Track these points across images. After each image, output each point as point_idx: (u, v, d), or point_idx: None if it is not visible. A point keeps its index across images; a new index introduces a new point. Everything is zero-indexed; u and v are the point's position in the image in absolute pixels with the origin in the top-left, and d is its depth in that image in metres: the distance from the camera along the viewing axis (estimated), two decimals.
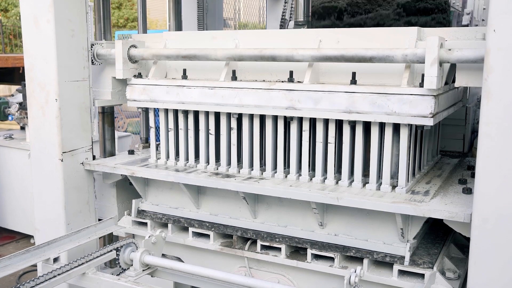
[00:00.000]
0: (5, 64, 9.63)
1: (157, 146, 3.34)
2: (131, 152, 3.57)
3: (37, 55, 3.09)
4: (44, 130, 3.13)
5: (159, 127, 3.25)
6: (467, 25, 3.19)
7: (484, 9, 3.57)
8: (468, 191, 2.55)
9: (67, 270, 2.57)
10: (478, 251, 2.15)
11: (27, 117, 4.01)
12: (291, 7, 3.87)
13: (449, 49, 2.32)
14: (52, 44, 3.00)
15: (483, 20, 3.52)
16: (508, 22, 1.97)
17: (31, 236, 6.19)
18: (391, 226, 2.56)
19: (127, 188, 3.53)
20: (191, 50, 2.92)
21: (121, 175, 3.26)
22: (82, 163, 3.25)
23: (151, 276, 2.84)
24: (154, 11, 25.84)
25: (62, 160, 3.11)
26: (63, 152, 3.12)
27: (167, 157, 3.23)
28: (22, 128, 6.56)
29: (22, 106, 6.23)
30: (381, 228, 2.59)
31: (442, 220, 2.39)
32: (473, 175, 2.65)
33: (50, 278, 2.47)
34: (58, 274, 2.52)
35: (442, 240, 2.75)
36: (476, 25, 3.38)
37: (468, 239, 2.23)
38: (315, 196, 2.58)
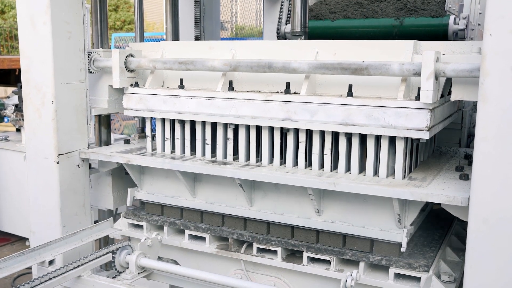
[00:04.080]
0: (1, 66, 9.62)
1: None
2: (126, 141, 3.55)
3: (33, 57, 3.08)
4: (40, 132, 3.12)
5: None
6: (463, 30, 3.19)
7: (480, 13, 3.58)
8: (465, 177, 2.54)
9: (63, 273, 2.56)
10: (474, 254, 2.15)
11: (23, 119, 3.99)
12: (288, 11, 3.87)
13: (445, 63, 2.33)
14: (49, 46, 3.00)
15: (479, 24, 3.52)
16: (504, 26, 1.98)
17: (26, 239, 6.15)
18: (388, 212, 2.55)
19: (122, 177, 3.53)
20: (188, 58, 2.92)
21: (117, 163, 3.24)
22: (78, 165, 3.24)
23: (147, 279, 2.84)
24: (151, 14, 25.87)
25: (58, 162, 3.10)
26: (59, 154, 3.11)
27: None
28: (18, 130, 6.53)
29: (18, 108, 6.20)
30: (378, 214, 2.59)
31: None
32: (470, 164, 2.64)
33: (45, 281, 2.46)
34: (53, 277, 2.51)
35: (438, 244, 2.75)
36: (472, 30, 3.39)
37: (464, 241, 2.23)
38: (312, 182, 2.57)
